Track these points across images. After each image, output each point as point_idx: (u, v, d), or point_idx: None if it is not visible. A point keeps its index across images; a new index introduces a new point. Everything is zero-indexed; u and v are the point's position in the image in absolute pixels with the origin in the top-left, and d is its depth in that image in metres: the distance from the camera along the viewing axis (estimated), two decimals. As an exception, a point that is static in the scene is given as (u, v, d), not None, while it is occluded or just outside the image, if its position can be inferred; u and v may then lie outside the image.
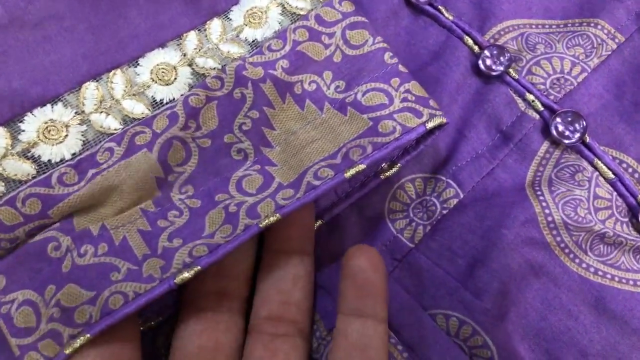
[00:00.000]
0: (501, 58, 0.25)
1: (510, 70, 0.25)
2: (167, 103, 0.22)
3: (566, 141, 0.24)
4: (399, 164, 0.23)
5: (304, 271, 0.21)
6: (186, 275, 0.19)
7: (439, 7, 0.27)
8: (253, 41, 0.23)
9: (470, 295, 0.21)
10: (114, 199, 0.20)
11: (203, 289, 0.21)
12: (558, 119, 0.24)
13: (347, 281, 0.19)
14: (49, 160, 0.20)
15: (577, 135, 0.24)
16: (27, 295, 0.19)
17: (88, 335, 0.18)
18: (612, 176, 0.23)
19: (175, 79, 0.22)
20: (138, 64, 0.22)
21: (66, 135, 0.21)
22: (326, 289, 0.22)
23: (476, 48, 0.26)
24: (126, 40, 0.22)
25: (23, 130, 0.20)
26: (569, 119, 0.24)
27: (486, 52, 0.25)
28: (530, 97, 0.25)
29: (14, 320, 0.19)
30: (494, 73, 0.25)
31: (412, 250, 0.23)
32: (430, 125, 0.21)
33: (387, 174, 0.23)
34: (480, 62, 0.25)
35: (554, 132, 0.24)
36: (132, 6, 0.23)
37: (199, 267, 0.19)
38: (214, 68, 0.22)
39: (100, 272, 0.19)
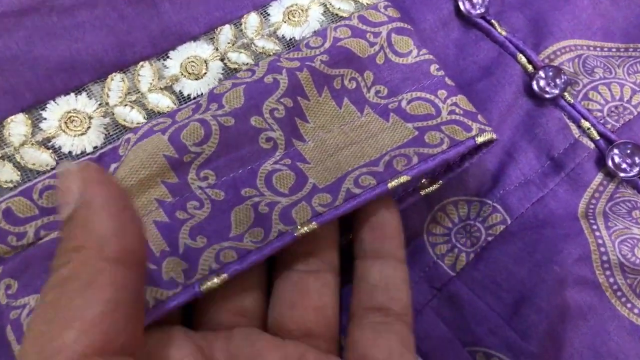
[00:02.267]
0: (557, 80, 0.24)
1: (566, 94, 0.24)
2: (194, 98, 0.21)
3: (622, 174, 0.22)
4: (440, 181, 0.21)
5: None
6: (214, 282, 0.17)
7: (492, 21, 0.25)
8: (290, 39, 0.22)
9: (516, 336, 0.19)
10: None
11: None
12: (615, 150, 0.22)
13: (361, 225, 0.19)
14: (70, 152, 0.19)
15: (636, 169, 0.22)
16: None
17: None
18: (672, 216, 0.22)
19: (205, 73, 0.21)
20: (168, 57, 0.21)
21: (88, 127, 0.20)
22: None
23: (530, 67, 0.24)
24: (157, 32, 0.21)
25: (45, 119, 0.20)
26: (628, 151, 0.22)
27: (541, 73, 0.24)
28: (586, 124, 0.23)
29: (23, 327, 0.17)
30: (547, 96, 0.24)
31: (453, 279, 0.21)
32: (480, 139, 0.20)
33: (427, 190, 0.21)
34: (534, 83, 0.24)
35: (610, 164, 0.22)
36: None
37: (225, 275, 0.17)
38: (247, 63, 0.21)
39: None
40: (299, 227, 0.18)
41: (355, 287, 0.19)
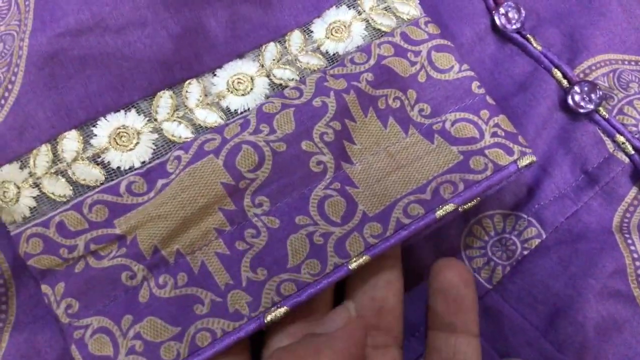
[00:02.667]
0: (592, 95, 0.24)
1: (601, 108, 0.24)
2: (241, 113, 0.21)
3: (657, 189, 0.23)
4: (478, 197, 0.22)
5: (396, 275, 0.20)
6: (277, 314, 0.18)
7: (528, 35, 0.26)
8: (334, 54, 0.22)
9: (552, 348, 0.20)
10: (175, 209, 0.19)
11: None
12: (650, 165, 0.23)
13: (438, 297, 0.19)
14: (118, 168, 0.20)
15: (671, 184, 0.22)
16: (102, 322, 0.18)
17: None
18: None
19: (252, 89, 0.22)
20: (215, 75, 0.22)
21: (137, 143, 0.20)
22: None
23: (565, 82, 0.25)
24: (203, 51, 0.22)
25: (95, 135, 0.20)
26: (663, 165, 0.23)
27: (576, 88, 0.24)
28: (621, 138, 0.24)
29: (88, 347, 0.18)
30: (582, 110, 0.24)
31: (490, 291, 0.22)
32: (521, 163, 0.21)
33: (465, 206, 0.22)
34: (569, 97, 0.24)
35: (645, 178, 0.23)
36: (211, 17, 0.22)
37: (287, 308, 0.18)
38: (292, 79, 0.22)
39: (183, 305, 0.18)
40: (353, 259, 0.19)
41: (428, 358, 0.19)
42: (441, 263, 0.20)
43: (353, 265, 0.19)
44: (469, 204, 0.22)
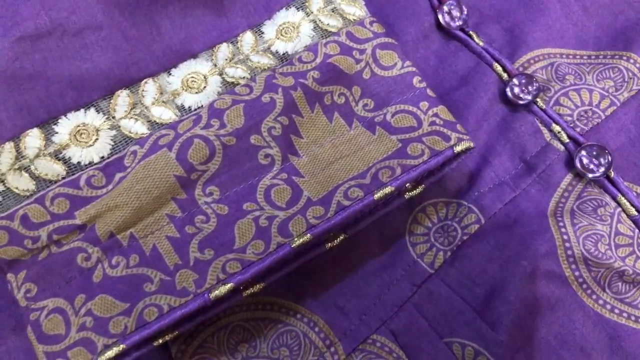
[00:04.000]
0: (529, 87, 0.25)
1: (538, 99, 0.25)
2: (195, 109, 0.22)
3: (590, 175, 0.24)
4: (423, 185, 0.23)
5: None
6: (221, 291, 0.19)
7: (470, 32, 0.27)
8: (284, 54, 0.24)
9: (487, 326, 0.21)
10: (131, 199, 0.20)
11: None
12: (583, 152, 0.24)
13: None
14: (79, 163, 0.21)
15: (602, 169, 0.24)
16: (57, 303, 0.19)
17: (123, 345, 0.19)
18: (635, 213, 0.23)
19: (205, 87, 0.23)
20: (170, 74, 0.23)
21: (96, 139, 0.21)
22: (342, 309, 0.23)
23: (505, 75, 0.26)
24: (159, 51, 0.23)
25: (56, 132, 0.21)
26: (594, 152, 0.24)
27: (515, 81, 0.25)
28: (557, 128, 0.25)
29: (42, 328, 0.19)
30: (521, 102, 0.25)
31: (432, 276, 0.23)
32: (457, 149, 0.22)
33: (410, 194, 0.23)
34: (508, 90, 0.25)
35: (578, 165, 0.24)
36: (166, 19, 0.23)
37: (232, 284, 0.19)
38: (244, 77, 0.23)
39: (133, 284, 0.19)
40: (295, 239, 0.20)
41: None
42: None
43: (296, 244, 0.20)
44: (414, 191, 0.23)
